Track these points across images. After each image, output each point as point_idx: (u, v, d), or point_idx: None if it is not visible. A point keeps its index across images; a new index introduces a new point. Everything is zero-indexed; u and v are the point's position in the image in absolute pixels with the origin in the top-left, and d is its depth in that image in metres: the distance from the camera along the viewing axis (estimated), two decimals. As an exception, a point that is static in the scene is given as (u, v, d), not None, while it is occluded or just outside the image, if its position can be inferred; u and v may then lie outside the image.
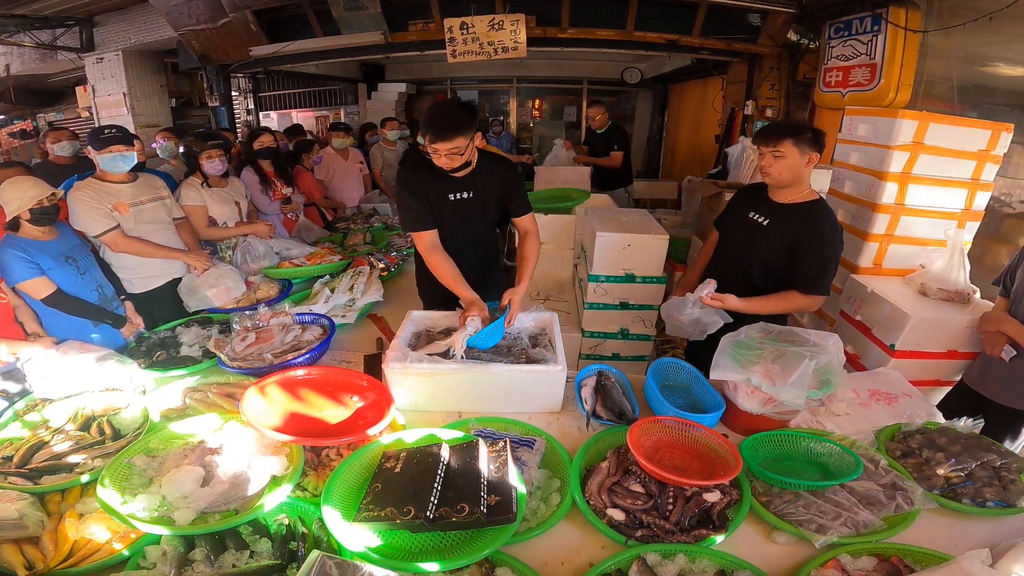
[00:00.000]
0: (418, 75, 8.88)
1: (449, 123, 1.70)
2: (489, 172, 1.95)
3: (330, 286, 2.45)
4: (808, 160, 1.84)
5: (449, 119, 1.71)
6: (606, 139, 4.82)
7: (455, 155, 1.73)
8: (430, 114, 1.74)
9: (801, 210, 1.89)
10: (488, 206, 2.01)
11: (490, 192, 1.98)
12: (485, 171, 1.93)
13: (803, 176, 1.88)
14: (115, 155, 2.27)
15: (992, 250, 2.73)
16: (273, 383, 1.52)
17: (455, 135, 1.69)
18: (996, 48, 2.83)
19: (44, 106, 8.76)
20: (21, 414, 1.54)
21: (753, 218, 1.99)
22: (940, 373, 2.17)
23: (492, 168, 1.97)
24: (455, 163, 1.76)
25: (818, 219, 1.86)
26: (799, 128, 1.85)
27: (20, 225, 1.95)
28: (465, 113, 1.75)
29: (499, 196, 2.00)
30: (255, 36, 5.02)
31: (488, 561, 1.06)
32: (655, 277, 2.59)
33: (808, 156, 1.83)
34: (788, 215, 1.90)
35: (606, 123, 4.85)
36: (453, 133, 1.69)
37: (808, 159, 1.84)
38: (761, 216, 1.97)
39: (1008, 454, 1.39)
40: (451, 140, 1.70)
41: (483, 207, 2.00)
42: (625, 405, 1.54)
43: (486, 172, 1.94)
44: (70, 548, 1.10)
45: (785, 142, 1.83)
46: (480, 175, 1.92)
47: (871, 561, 1.08)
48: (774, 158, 1.85)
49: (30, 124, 8.53)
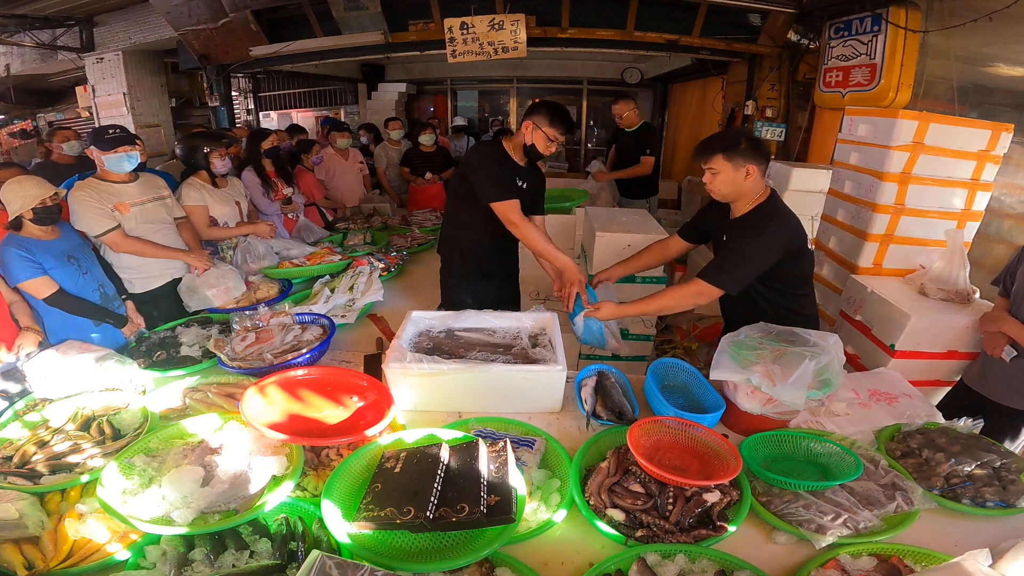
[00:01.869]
0: (418, 75, 8.88)
1: (573, 123, 2.17)
2: (533, 171, 2.28)
3: (330, 286, 2.45)
4: (746, 173, 1.73)
5: (572, 120, 2.19)
6: (636, 141, 4.27)
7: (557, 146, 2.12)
8: (561, 111, 2.09)
9: (751, 217, 1.80)
10: (528, 199, 2.24)
11: (533, 187, 2.27)
12: (532, 170, 2.27)
13: (745, 189, 1.77)
14: (121, 155, 2.28)
15: (992, 250, 2.73)
16: (273, 383, 1.52)
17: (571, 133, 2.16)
18: (996, 48, 2.82)
19: (44, 106, 8.77)
20: (21, 414, 1.54)
21: (723, 239, 1.91)
22: (940, 373, 2.17)
23: (534, 169, 2.31)
24: (552, 152, 2.15)
25: (756, 220, 1.77)
26: (730, 141, 1.75)
27: (22, 224, 1.95)
28: None
29: (534, 194, 2.30)
30: (255, 36, 5.01)
31: (488, 561, 1.06)
32: (655, 277, 2.59)
33: (745, 168, 1.72)
34: (737, 226, 1.82)
35: (637, 121, 4.34)
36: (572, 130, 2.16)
37: (745, 171, 1.72)
38: (725, 235, 1.89)
39: (1008, 454, 1.39)
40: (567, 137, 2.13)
41: (527, 198, 2.23)
42: (625, 405, 1.54)
43: (533, 171, 2.27)
44: (70, 548, 1.10)
45: (715, 158, 1.75)
46: (530, 172, 2.24)
47: (871, 561, 1.08)
48: (711, 175, 1.78)
49: (30, 124, 8.53)
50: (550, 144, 2.09)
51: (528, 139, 2.10)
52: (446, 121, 8.57)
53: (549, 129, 2.06)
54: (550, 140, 2.07)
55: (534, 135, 2.08)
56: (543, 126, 2.05)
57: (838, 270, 2.65)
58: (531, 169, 2.25)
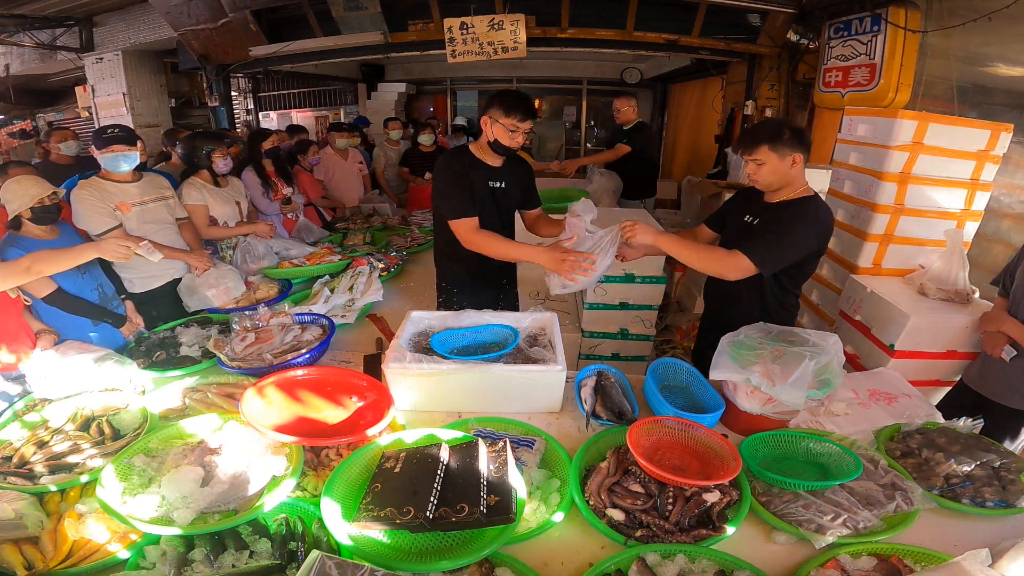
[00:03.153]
0: (418, 75, 8.88)
1: (531, 104, 1.98)
2: (514, 166, 2.17)
3: (330, 286, 2.45)
4: (792, 161, 1.76)
5: (530, 102, 1.99)
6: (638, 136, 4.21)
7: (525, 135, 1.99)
8: (515, 96, 1.96)
9: (789, 206, 1.82)
10: (515, 196, 2.20)
11: (517, 183, 2.19)
12: (513, 165, 2.16)
13: (791, 177, 1.80)
14: (116, 155, 2.27)
15: (991, 250, 2.73)
16: (272, 383, 1.52)
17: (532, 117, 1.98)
18: (995, 48, 2.83)
19: (44, 106, 8.77)
20: (21, 414, 1.54)
21: (746, 221, 1.93)
22: (940, 373, 2.18)
23: (516, 163, 2.20)
24: (520, 143, 2.01)
25: (800, 209, 1.79)
26: (774, 131, 1.76)
27: (22, 224, 1.95)
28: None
29: (522, 188, 2.22)
30: (255, 36, 5.01)
31: (488, 561, 1.06)
32: (655, 277, 2.59)
33: (790, 157, 1.75)
34: (775, 212, 1.84)
35: (633, 119, 4.24)
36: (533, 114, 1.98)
37: (791, 160, 1.75)
38: (752, 217, 1.91)
39: (1008, 454, 1.39)
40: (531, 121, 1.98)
41: (512, 196, 2.19)
42: (625, 405, 1.54)
43: (513, 166, 2.16)
44: (70, 548, 1.10)
45: (761, 148, 1.76)
46: (510, 167, 2.14)
47: (871, 561, 1.08)
48: (756, 166, 1.79)
49: (30, 124, 8.53)
50: (514, 135, 1.96)
51: (490, 136, 1.99)
52: (446, 121, 8.57)
53: (507, 120, 1.93)
54: (511, 131, 1.95)
55: (494, 130, 1.97)
56: (499, 119, 1.94)
57: (837, 270, 2.65)
58: (510, 165, 2.13)
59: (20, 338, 1.87)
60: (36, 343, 1.90)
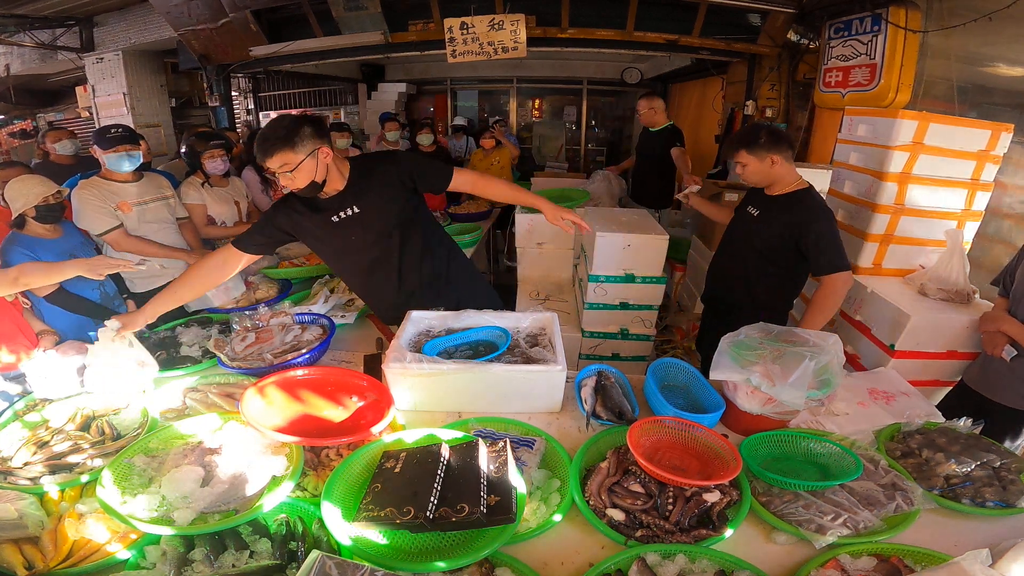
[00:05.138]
0: (418, 75, 8.88)
1: (272, 137, 1.57)
2: (369, 176, 1.78)
3: (329, 286, 2.45)
4: (771, 161, 1.98)
5: (272, 133, 1.58)
6: (662, 141, 3.97)
7: (286, 173, 1.58)
8: (257, 134, 1.63)
9: (791, 199, 2.03)
10: (385, 211, 1.80)
11: (382, 196, 1.79)
12: (364, 177, 1.77)
13: (776, 175, 2.03)
14: (121, 155, 2.28)
15: (992, 250, 2.73)
16: (273, 383, 1.52)
17: (278, 149, 1.56)
18: (996, 48, 2.82)
19: (44, 106, 8.76)
20: (21, 414, 1.54)
21: (749, 211, 2.16)
22: (940, 373, 2.18)
23: (372, 170, 1.79)
24: (299, 182, 1.62)
25: (809, 207, 1.99)
26: (750, 137, 2.00)
27: (25, 223, 1.96)
28: (295, 125, 1.58)
29: (398, 192, 1.81)
30: (255, 36, 5.01)
31: (488, 561, 1.06)
32: (655, 277, 2.59)
33: (768, 158, 1.97)
34: (777, 205, 2.06)
35: (661, 121, 4.02)
36: (275, 147, 1.56)
37: (770, 160, 1.98)
38: (754, 208, 2.16)
39: (1008, 454, 1.39)
40: (274, 155, 1.57)
41: (377, 215, 1.80)
42: (625, 405, 1.54)
43: (365, 178, 1.77)
44: (70, 548, 1.10)
45: (740, 152, 2.02)
46: (357, 184, 1.77)
47: (871, 561, 1.08)
48: (740, 167, 2.04)
49: (30, 124, 8.53)
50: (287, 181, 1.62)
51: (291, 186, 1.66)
52: (446, 121, 8.57)
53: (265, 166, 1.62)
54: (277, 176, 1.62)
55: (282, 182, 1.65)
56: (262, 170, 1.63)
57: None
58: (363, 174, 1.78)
59: (19, 339, 1.87)
60: (38, 343, 1.90)
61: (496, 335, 1.75)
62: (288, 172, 1.59)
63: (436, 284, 1.97)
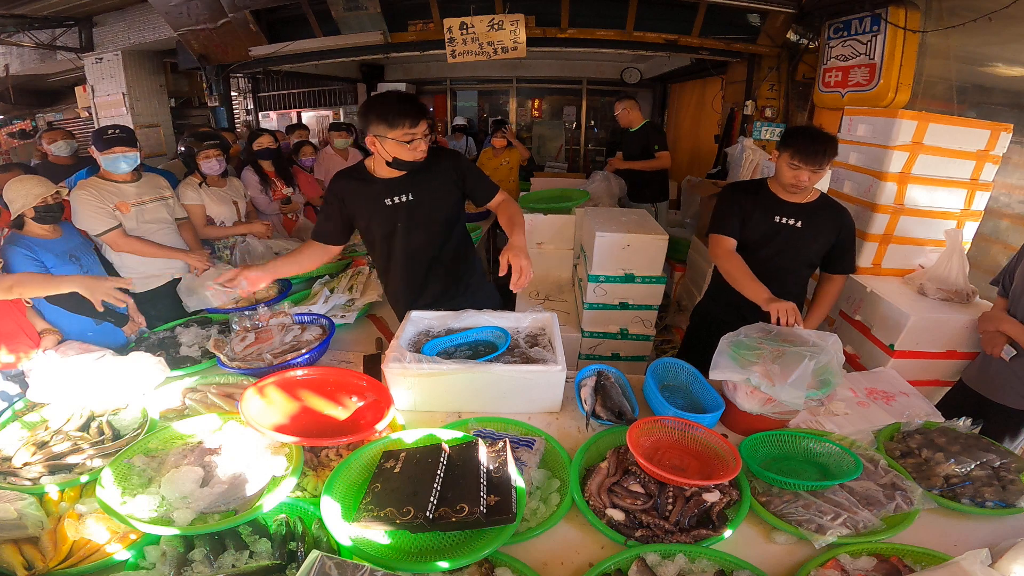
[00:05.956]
0: (418, 75, 8.88)
1: (416, 104, 1.68)
2: (430, 168, 1.82)
3: (329, 286, 2.45)
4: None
5: (413, 101, 1.70)
6: (642, 139, 4.20)
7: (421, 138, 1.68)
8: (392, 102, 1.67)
9: (824, 203, 2.01)
10: (437, 206, 1.87)
11: (438, 189, 1.85)
12: (423, 169, 1.81)
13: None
14: (117, 156, 2.28)
15: (991, 250, 2.73)
16: (272, 383, 1.52)
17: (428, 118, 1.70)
18: (995, 48, 2.82)
19: (43, 106, 8.75)
20: (21, 414, 1.54)
21: (780, 222, 1.98)
22: (939, 373, 2.18)
23: (433, 163, 1.82)
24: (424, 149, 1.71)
25: (839, 207, 2.01)
26: (836, 145, 1.87)
27: (25, 223, 1.96)
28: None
29: (452, 191, 1.88)
30: (254, 36, 5.01)
31: (488, 561, 1.06)
32: (655, 277, 2.59)
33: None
34: (815, 212, 1.98)
35: (640, 120, 4.26)
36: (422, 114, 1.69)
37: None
38: (790, 219, 1.98)
39: (1008, 454, 1.40)
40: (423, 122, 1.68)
41: (430, 208, 1.86)
42: (624, 405, 1.54)
43: (427, 169, 1.82)
44: (69, 548, 1.10)
45: (831, 162, 1.88)
46: (417, 174, 1.83)
47: (870, 561, 1.08)
48: (815, 175, 1.86)
49: (30, 124, 8.52)
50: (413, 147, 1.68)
51: (386, 155, 1.72)
52: (446, 121, 8.57)
53: (396, 133, 1.65)
54: (407, 142, 1.67)
55: (386, 148, 1.69)
56: (386, 135, 1.66)
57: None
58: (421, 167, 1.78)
59: (19, 338, 1.87)
60: (39, 343, 1.90)
61: (496, 335, 1.75)
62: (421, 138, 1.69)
63: (458, 287, 2.06)
